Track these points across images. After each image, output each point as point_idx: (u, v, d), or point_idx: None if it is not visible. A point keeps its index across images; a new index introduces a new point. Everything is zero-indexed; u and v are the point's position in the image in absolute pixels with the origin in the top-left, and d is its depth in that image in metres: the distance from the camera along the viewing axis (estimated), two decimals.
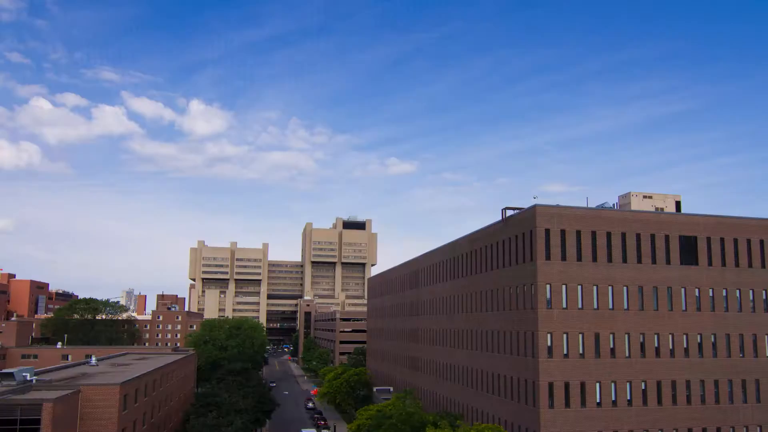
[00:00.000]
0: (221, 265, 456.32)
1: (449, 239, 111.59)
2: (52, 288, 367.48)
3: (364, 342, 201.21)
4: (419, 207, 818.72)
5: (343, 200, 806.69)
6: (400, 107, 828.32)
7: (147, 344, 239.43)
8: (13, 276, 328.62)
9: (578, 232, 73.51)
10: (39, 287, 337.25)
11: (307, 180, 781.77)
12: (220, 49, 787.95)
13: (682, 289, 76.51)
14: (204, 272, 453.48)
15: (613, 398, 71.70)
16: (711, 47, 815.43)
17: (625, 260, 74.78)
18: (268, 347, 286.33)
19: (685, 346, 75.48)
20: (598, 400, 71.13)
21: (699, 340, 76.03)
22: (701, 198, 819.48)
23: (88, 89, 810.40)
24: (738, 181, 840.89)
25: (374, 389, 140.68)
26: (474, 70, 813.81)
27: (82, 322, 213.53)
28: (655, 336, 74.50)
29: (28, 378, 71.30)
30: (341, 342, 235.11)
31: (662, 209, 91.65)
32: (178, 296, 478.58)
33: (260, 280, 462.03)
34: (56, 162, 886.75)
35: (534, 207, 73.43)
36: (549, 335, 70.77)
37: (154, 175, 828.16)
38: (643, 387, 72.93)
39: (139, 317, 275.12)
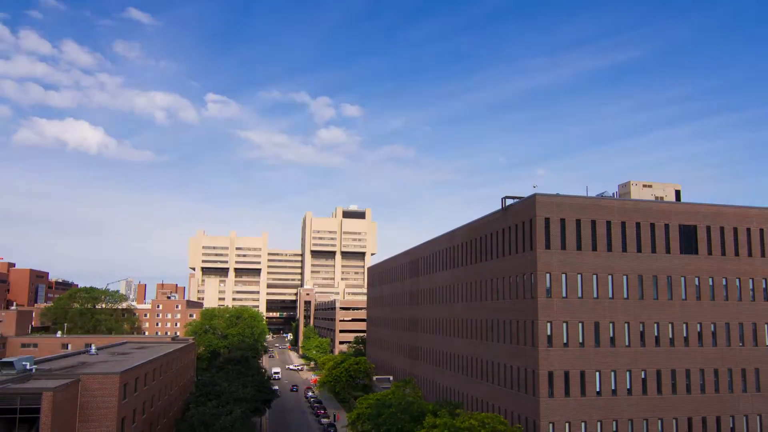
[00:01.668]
0: (221, 254, 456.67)
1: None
2: (52, 277, 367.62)
3: (363, 331, 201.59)
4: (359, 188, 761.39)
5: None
6: (279, 57, 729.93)
7: (147, 333, 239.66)
8: (13, 265, 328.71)
9: (578, 221, 73.34)
10: (39, 276, 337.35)
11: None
12: None
13: (682, 278, 76.41)
14: (204, 261, 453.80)
15: (613, 387, 71.74)
16: None
17: (624, 249, 74.64)
18: (267, 336, 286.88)
19: (684, 335, 75.47)
20: (597, 389, 71.17)
21: (699, 329, 76.01)
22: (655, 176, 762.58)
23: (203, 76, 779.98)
24: (695, 156, 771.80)
25: (374, 378, 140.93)
26: (354, 4, 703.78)
27: (81, 311, 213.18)
28: (655, 325, 74.47)
29: (28, 367, 71.21)
30: (341, 331, 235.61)
31: (662, 198, 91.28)
32: (178, 285, 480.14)
33: (260, 269, 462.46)
34: (142, 150, 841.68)
35: (534, 196, 73.20)
36: (549, 324, 70.72)
37: (166, 164, 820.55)
38: (642, 376, 72.96)
39: (139, 306, 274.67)
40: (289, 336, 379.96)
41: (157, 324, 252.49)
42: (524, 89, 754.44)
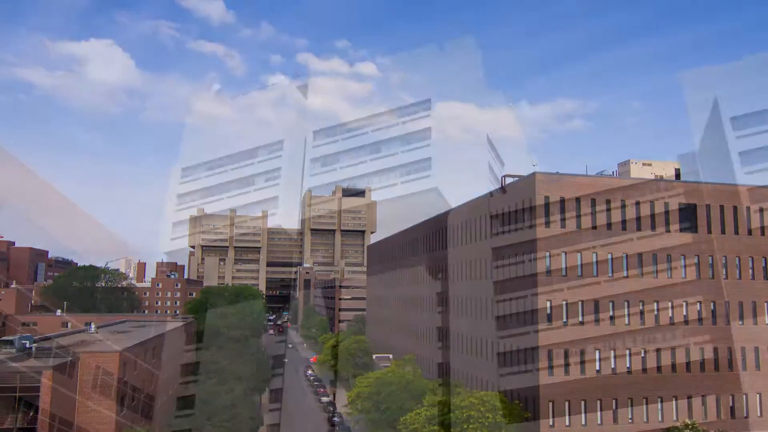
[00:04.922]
0: (221, 233, 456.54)
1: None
2: (52, 255, 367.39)
3: (363, 309, 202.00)
4: None
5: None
6: None
7: (146, 312, 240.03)
8: (13, 243, 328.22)
9: (578, 200, 72.97)
10: (38, 254, 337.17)
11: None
12: None
13: (682, 257, 76.20)
14: (203, 239, 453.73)
15: (613, 366, 71.85)
16: None
17: (624, 227, 74.36)
18: (267, 314, 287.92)
19: (684, 313, 75.43)
20: (597, 368, 71.29)
21: (699, 308, 75.95)
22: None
23: None
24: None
25: (374, 357, 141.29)
26: None
27: (81, 290, 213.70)
28: (655, 303, 74.40)
29: (28, 345, 71.15)
30: (341, 309, 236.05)
31: (662, 177, 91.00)
32: (178, 264, 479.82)
33: (260, 247, 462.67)
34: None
35: (533, 174, 72.78)
36: (548, 302, 70.65)
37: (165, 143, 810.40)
38: (642, 354, 73.03)
39: (139, 284, 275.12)
40: (289, 314, 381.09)
41: (156, 302, 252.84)
42: None
